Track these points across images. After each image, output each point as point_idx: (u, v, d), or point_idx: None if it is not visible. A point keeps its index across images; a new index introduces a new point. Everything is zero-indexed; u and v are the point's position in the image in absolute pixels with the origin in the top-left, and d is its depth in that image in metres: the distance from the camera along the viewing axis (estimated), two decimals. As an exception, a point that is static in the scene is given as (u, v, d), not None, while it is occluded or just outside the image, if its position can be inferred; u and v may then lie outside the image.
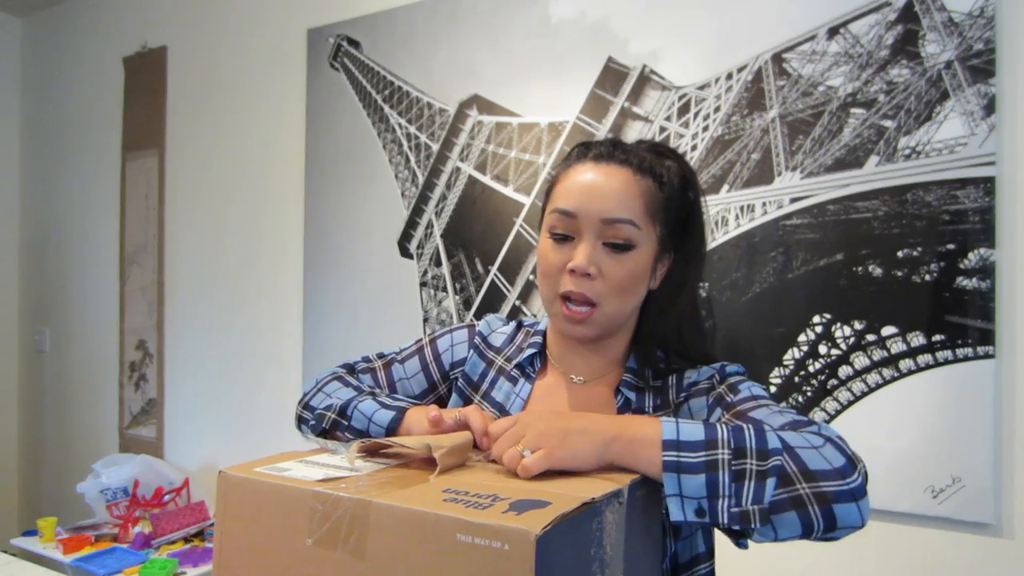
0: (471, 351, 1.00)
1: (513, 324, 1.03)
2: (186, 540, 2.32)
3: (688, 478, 0.64)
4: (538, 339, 0.97)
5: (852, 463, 0.65)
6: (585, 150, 0.89)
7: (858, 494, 0.64)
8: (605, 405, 0.90)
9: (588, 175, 0.85)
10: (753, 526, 0.63)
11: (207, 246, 2.71)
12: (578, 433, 0.69)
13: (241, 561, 0.66)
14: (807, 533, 0.64)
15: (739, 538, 0.71)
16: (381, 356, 1.05)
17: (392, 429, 0.86)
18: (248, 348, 2.59)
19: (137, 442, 2.89)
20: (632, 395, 0.89)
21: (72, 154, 3.16)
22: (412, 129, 2.19)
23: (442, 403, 1.01)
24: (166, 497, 2.46)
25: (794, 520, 0.63)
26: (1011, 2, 1.42)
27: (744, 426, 0.67)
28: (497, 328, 1.03)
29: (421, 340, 1.04)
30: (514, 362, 0.97)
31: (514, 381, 0.96)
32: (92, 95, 3.08)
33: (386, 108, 2.23)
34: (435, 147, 2.14)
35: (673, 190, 0.87)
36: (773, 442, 0.65)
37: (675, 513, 0.64)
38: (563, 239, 0.85)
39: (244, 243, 2.61)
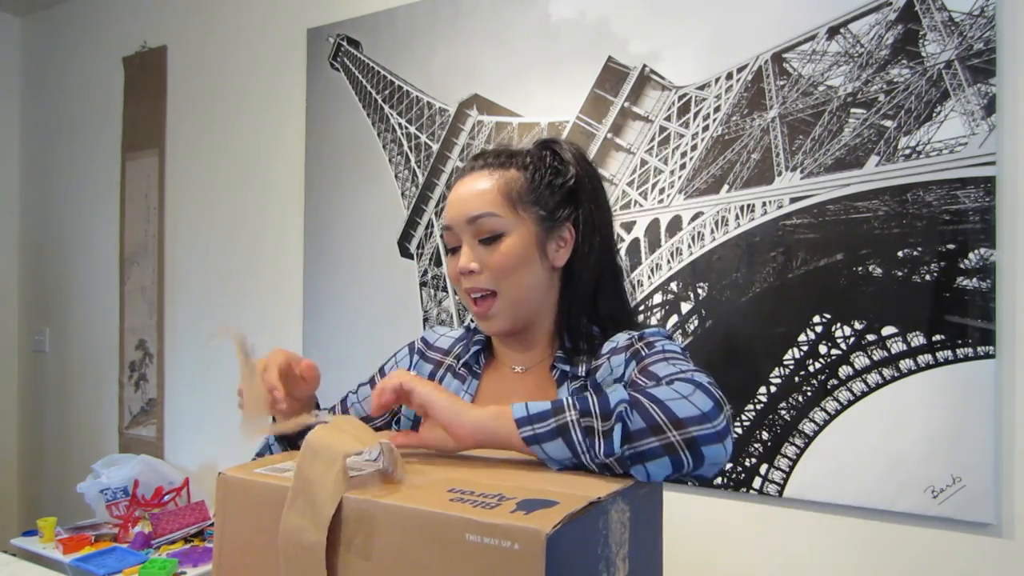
0: (415, 358, 1.07)
1: (462, 328, 1.10)
2: (186, 540, 2.32)
3: (549, 445, 0.69)
4: (481, 336, 1.03)
5: (719, 406, 0.71)
6: (460, 171, 0.98)
7: (723, 435, 0.70)
8: (546, 387, 0.96)
9: (457, 189, 0.96)
10: (619, 472, 0.68)
11: (207, 246, 2.71)
12: (458, 402, 0.73)
13: (241, 561, 0.66)
14: (677, 471, 0.69)
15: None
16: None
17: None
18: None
19: (137, 442, 2.89)
20: (566, 367, 0.94)
21: (72, 154, 3.16)
22: (412, 129, 2.19)
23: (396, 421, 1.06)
24: (166, 497, 2.45)
25: (666, 463, 0.68)
26: (1011, 2, 1.42)
27: (587, 394, 0.72)
28: (444, 333, 1.10)
29: None
30: (462, 360, 1.02)
31: (462, 379, 1.02)
32: (92, 95, 3.07)
33: (386, 108, 2.23)
34: (435, 147, 2.14)
35: (540, 173, 0.94)
36: (616, 399, 0.70)
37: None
38: (454, 251, 0.95)
39: (244, 243, 2.60)
